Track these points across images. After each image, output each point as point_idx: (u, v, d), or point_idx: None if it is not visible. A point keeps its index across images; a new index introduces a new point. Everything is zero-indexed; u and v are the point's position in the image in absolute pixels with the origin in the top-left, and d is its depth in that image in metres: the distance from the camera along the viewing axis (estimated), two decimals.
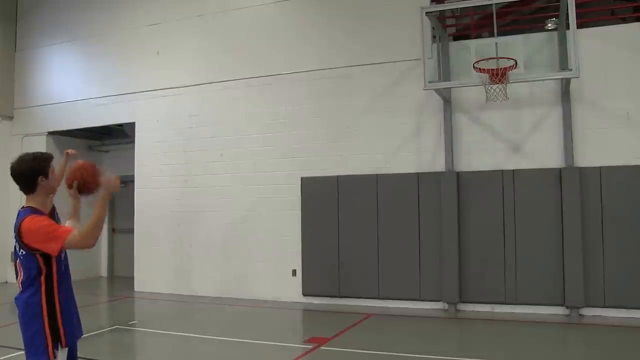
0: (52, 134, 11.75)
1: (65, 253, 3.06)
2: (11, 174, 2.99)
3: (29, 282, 2.88)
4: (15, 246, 2.93)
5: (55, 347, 2.85)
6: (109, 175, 2.87)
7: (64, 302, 2.95)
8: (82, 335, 3.20)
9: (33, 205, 2.97)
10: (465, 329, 7.51)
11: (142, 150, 10.71)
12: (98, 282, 12.13)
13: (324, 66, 9.26)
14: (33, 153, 3.07)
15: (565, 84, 7.61)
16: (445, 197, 8.25)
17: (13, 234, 2.93)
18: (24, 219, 2.87)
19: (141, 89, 10.73)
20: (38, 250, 2.84)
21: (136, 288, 10.46)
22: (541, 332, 6.83)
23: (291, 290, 9.12)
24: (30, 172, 2.96)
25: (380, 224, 8.64)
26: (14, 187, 3.06)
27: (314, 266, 9.00)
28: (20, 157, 3.02)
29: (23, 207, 3.00)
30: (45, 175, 3.00)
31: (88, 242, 2.79)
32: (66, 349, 2.93)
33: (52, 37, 11.85)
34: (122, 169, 12.14)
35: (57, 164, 3.23)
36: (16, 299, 2.96)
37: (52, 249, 2.82)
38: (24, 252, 2.87)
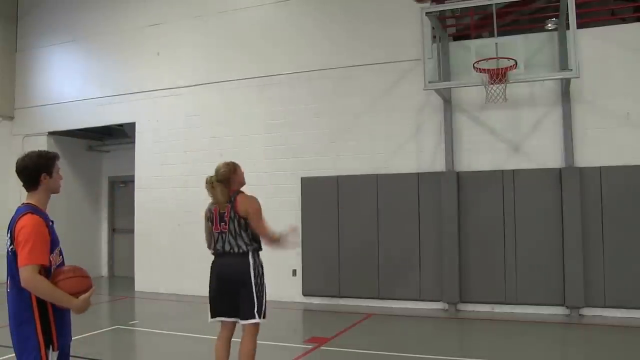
0: (52, 134, 11.75)
1: (61, 252, 3.02)
2: (15, 169, 2.97)
3: (18, 281, 2.80)
4: (7, 241, 2.88)
5: (47, 350, 2.81)
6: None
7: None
8: (72, 339, 3.13)
9: (33, 203, 2.94)
10: (465, 329, 7.51)
11: (142, 150, 10.71)
12: (98, 282, 12.11)
13: (324, 66, 9.26)
14: (39, 150, 3.05)
15: (565, 84, 7.61)
16: (445, 197, 8.25)
17: (7, 229, 2.90)
18: (24, 215, 2.84)
19: (141, 89, 10.73)
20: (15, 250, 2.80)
21: (136, 288, 10.46)
22: (541, 332, 6.83)
23: (291, 290, 9.12)
24: (33, 168, 2.93)
25: (380, 224, 8.63)
26: (14, 186, 3.06)
27: (314, 266, 9.00)
28: (27, 153, 3.01)
29: (23, 204, 2.97)
30: (49, 174, 2.97)
31: (29, 287, 2.73)
32: (57, 352, 2.89)
33: (52, 37, 11.85)
34: (122, 169, 12.20)
35: (62, 165, 3.20)
36: (7, 296, 2.89)
37: (20, 259, 2.75)
38: (13, 248, 2.82)
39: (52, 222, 2.97)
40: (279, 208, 9.36)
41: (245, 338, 4.48)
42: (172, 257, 10.22)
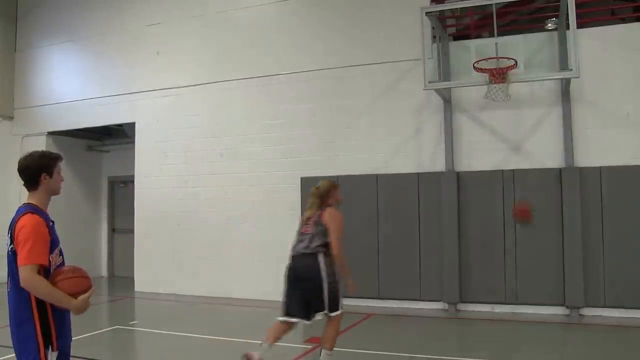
0: (52, 134, 11.74)
1: (61, 252, 3.02)
2: (18, 168, 2.98)
3: (18, 280, 2.80)
4: (7, 241, 2.88)
5: (46, 350, 2.81)
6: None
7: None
8: (72, 339, 3.14)
9: (33, 203, 2.94)
10: (465, 329, 7.51)
11: (142, 150, 10.70)
12: (98, 282, 12.11)
13: (323, 66, 9.25)
14: (42, 150, 3.06)
15: (565, 84, 7.61)
16: (445, 197, 8.25)
17: (8, 229, 2.90)
18: (24, 215, 2.84)
19: (141, 89, 10.73)
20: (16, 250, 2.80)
21: (136, 288, 10.45)
22: (541, 332, 6.83)
23: None
24: (34, 167, 2.94)
25: (380, 224, 8.63)
26: (14, 187, 3.06)
27: None
28: (30, 152, 3.02)
29: (24, 204, 2.97)
30: (50, 174, 2.97)
31: (28, 287, 2.73)
32: (56, 352, 2.89)
33: (52, 37, 11.85)
34: (122, 169, 12.20)
35: (62, 165, 3.20)
36: (8, 296, 2.89)
37: (19, 258, 2.75)
38: (13, 248, 2.83)
39: (53, 222, 2.97)
40: (279, 208, 9.37)
41: (329, 326, 5.05)
42: (172, 257, 10.22)
